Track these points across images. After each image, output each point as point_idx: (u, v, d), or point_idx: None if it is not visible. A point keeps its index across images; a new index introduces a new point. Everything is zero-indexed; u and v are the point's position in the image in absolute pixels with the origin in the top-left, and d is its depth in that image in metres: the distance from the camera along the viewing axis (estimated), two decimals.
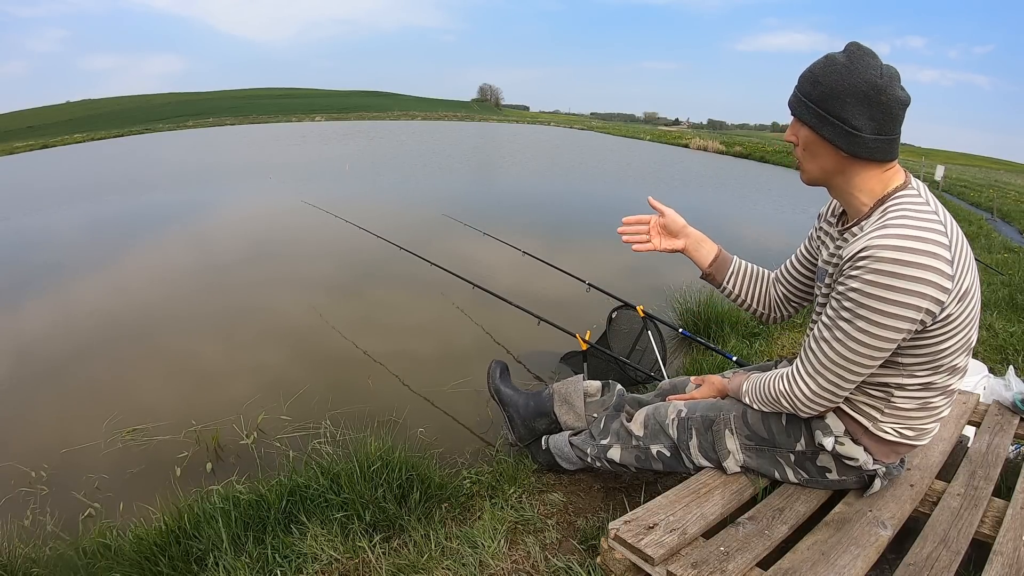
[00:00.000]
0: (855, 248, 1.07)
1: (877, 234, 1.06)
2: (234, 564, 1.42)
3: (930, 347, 1.12)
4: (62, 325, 3.65)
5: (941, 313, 1.06)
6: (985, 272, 4.74)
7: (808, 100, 1.12)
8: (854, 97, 1.06)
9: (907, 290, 1.02)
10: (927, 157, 29.07)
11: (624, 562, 1.20)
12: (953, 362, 1.15)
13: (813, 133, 1.13)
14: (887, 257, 1.03)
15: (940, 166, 15.23)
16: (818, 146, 1.14)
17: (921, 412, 1.21)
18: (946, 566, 1.15)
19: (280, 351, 3.23)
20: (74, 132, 35.85)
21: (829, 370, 1.16)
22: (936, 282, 1.02)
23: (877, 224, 1.09)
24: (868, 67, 1.06)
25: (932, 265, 1.02)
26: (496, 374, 1.91)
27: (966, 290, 1.08)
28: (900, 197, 1.11)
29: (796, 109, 1.15)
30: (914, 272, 1.02)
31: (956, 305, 1.07)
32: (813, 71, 1.11)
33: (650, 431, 1.50)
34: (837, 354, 1.13)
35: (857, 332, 1.09)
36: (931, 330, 1.09)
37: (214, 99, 78.87)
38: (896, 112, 1.07)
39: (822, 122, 1.11)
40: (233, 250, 5.53)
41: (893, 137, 1.10)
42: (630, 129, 47.41)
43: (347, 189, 9.45)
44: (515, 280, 4.13)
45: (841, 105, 1.07)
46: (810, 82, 1.11)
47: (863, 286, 1.06)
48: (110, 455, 2.28)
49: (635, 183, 12.47)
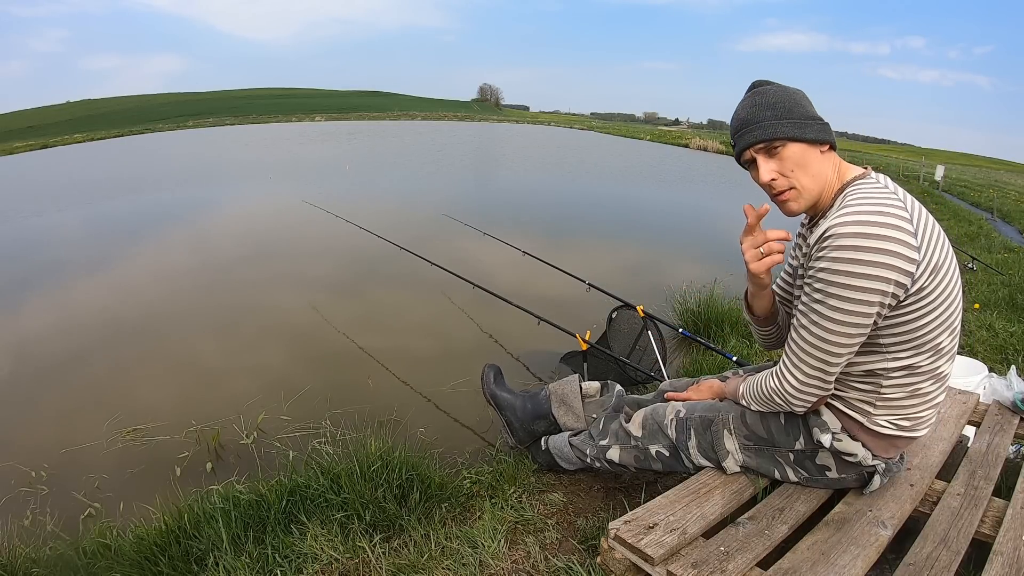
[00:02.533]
0: (818, 233, 1.10)
1: (837, 215, 1.09)
2: (234, 564, 1.42)
3: (908, 324, 1.12)
4: (62, 324, 3.65)
5: (913, 286, 1.08)
6: (985, 272, 4.74)
7: (779, 118, 1.15)
8: (801, 98, 1.17)
9: (872, 261, 1.04)
10: (927, 157, 29.07)
11: (624, 562, 1.20)
12: (936, 341, 1.15)
13: (800, 143, 1.15)
14: (848, 233, 1.05)
15: (940, 166, 15.24)
16: (809, 155, 1.16)
17: (912, 400, 1.21)
18: (946, 566, 1.15)
19: (280, 351, 3.23)
20: (74, 132, 35.85)
21: (811, 355, 1.16)
22: (900, 252, 1.04)
23: (837, 208, 1.13)
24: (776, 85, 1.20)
25: (893, 236, 1.04)
26: (490, 379, 1.88)
27: (938, 264, 1.09)
28: (858, 184, 1.15)
29: (773, 132, 1.15)
30: (877, 243, 1.04)
31: (929, 278, 1.08)
32: (758, 104, 1.18)
33: (648, 431, 1.50)
34: (816, 337, 1.14)
35: (830, 311, 1.10)
36: (905, 305, 1.10)
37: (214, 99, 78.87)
38: None
39: (803, 127, 1.15)
40: (233, 249, 5.54)
41: None
42: (630, 129, 47.43)
43: (347, 189, 9.45)
44: (515, 280, 4.13)
45: (803, 107, 1.16)
46: (768, 107, 1.17)
47: (829, 265, 1.08)
48: (110, 455, 2.28)
49: (635, 183, 12.48)
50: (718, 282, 3.89)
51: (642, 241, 6.22)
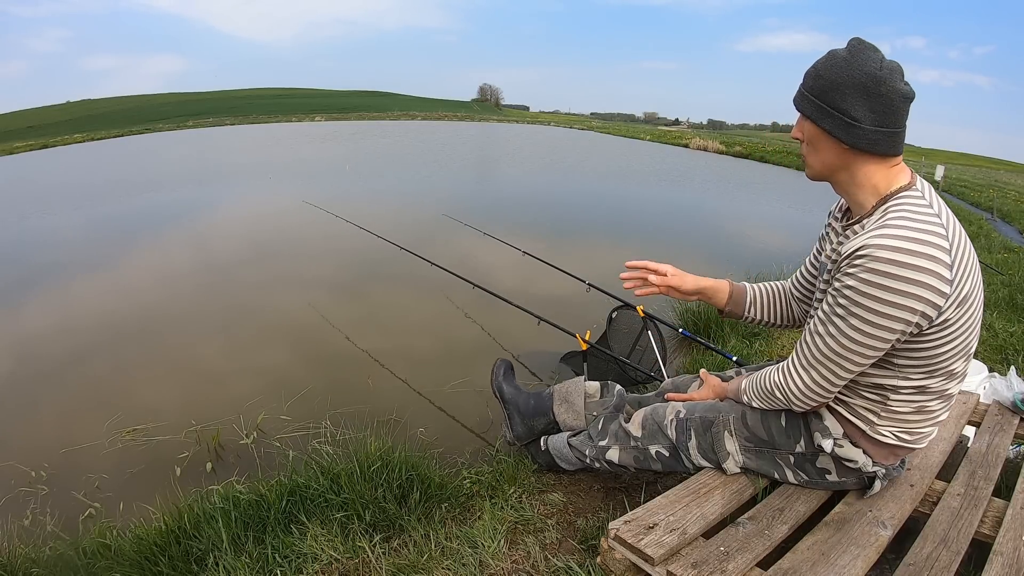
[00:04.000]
0: (854, 245, 1.07)
1: (876, 233, 1.05)
2: (234, 564, 1.42)
3: (926, 350, 1.11)
4: (63, 324, 3.65)
5: (938, 318, 1.06)
6: (985, 272, 4.74)
7: (810, 94, 1.13)
8: (853, 88, 1.07)
9: (903, 291, 1.02)
10: (927, 157, 29.07)
11: (624, 562, 1.20)
12: (950, 367, 1.15)
13: (815, 126, 1.14)
14: (884, 257, 1.02)
15: (940, 166, 15.22)
16: (820, 139, 1.15)
17: (917, 416, 1.21)
18: (946, 566, 1.15)
19: (280, 351, 3.23)
20: (74, 132, 35.82)
21: (822, 364, 1.16)
22: (933, 285, 1.02)
23: (877, 223, 1.09)
24: (868, 60, 1.07)
25: (929, 268, 1.01)
26: (500, 372, 1.92)
27: (966, 296, 1.07)
28: (903, 197, 1.10)
29: (799, 103, 1.16)
30: (910, 274, 1.01)
31: (955, 310, 1.06)
32: (816, 66, 1.13)
33: (648, 432, 1.50)
34: (830, 349, 1.13)
35: (850, 329, 1.09)
36: (927, 334, 1.09)
37: (214, 99, 78.84)
38: (897, 104, 1.07)
39: (823, 114, 1.12)
40: (233, 250, 5.53)
41: (895, 131, 1.09)
42: (630, 129, 47.40)
43: (347, 189, 9.45)
44: (515, 280, 4.13)
45: (841, 97, 1.08)
46: (812, 76, 1.13)
47: (859, 284, 1.05)
48: (110, 455, 2.28)
49: (635, 183, 12.47)
50: None
51: (642, 241, 6.22)
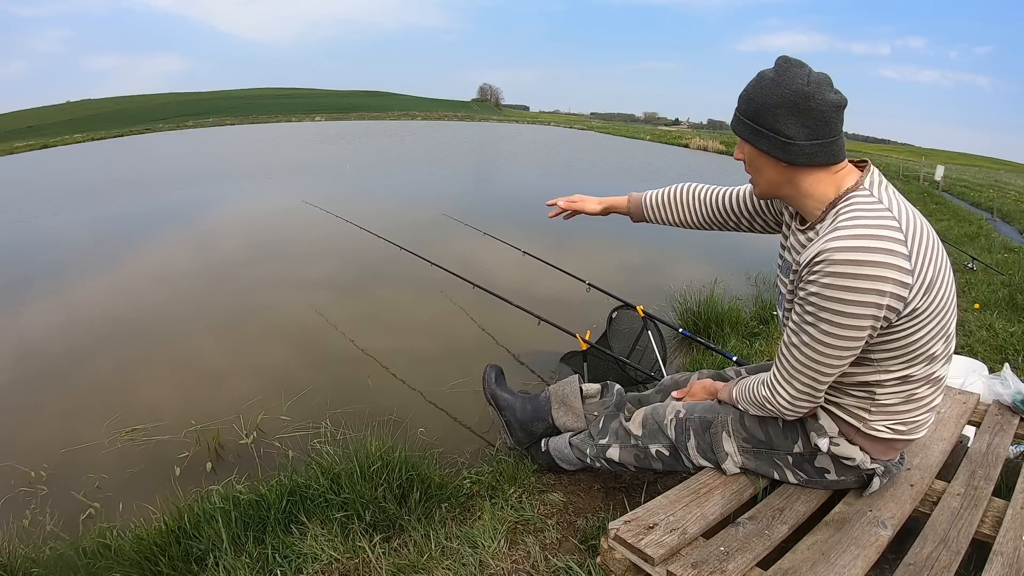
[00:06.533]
0: (811, 253, 1.09)
1: (829, 237, 1.07)
2: (234, 564, 1.42)
3: (900, 340, 1.12)
4: (63, 324, 3.64)
5: (906, 308, 1.07)
6: (985, 272, 4.73)
7: (744, 117, 1.16)
8: (784, 107, 1.09)
9: (864, 289, 1.04)
10: (927, 157, 29.07)
11: (624, 562, 1.20)
12: (930, 351, 1.15)
13: (753, 148, 1.17)
14: (840, 259, 1.04)
15: (940, 166, 15.23)
16: (760, 160, 1.17)
17: (908, 405, 1.21)
18: (946, 566, 1.15)
19: (280, 351, 3.23)
20: (74, 132, 35.83)
21: (802, 373, 1.17)
22: (894, 278, 1.03)
23: (830, 227, 1.11)
24: (795, 77, 1.09)
25: (887, 262, 1.03)
26: (492, 379, 1.90)
27: (931, 281, 1.08)
28: (851, 198, 1.12)
29: (735, 127, 1.19)
30: (869, 271, 1.03)
31: (922, 298, 1.07)
32: (747, 89, 1.15)
33: (648, 431, 1.50)
34: (806, 357, 1.15)
35: (821, 335, 1.11)
36: (898, 325, 1.10)
37: (214, 99, 78.87)
38: (829, 116, 1.09)
39: (758, 136, 1.14)
40: (233, 250, 5.53)
41: (831, 140, 1.11)
42: (630, 129, 47.41)
43: (347, 189, 9.45)
44: (515, 280, 4.13)
45: (773, 117, 1.10)
46: (745, 100, 1.15)
47: (821, 290, 1.07)
48: (110, 455, 2.28)
49: (636, 183, 12.48)
50: (718, 282, 3.89)
51: (642, 241, 6.21)
